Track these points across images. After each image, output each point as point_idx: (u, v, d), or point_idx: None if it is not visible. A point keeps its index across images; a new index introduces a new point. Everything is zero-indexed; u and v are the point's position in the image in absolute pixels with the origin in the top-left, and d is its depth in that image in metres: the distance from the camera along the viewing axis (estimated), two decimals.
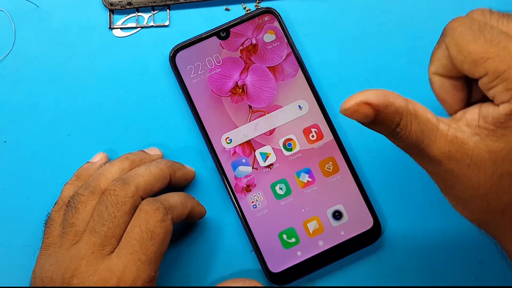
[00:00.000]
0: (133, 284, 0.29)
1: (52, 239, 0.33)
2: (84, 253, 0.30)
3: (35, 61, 0.38)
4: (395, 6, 0.38)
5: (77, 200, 0.32)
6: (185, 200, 0.33)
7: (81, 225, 0.31)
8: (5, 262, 0.36)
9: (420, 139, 0.25)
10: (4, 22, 0.38)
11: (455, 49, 0.25)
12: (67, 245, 0.31)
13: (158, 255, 0.30)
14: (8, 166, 0.37)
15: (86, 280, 0.29)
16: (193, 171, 0.37)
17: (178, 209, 0.32)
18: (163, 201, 0.31)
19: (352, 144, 0.37)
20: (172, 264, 0.36)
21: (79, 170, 0.35)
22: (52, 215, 0.33)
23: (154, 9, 0.38)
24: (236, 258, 0.36)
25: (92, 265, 0.29)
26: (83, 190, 0.32)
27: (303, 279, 0.36)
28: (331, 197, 0.36)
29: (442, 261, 0.37)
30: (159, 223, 0.30)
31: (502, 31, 0.24)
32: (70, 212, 0.32)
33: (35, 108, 0.37)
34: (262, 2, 0.38)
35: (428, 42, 0.38)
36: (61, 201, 0.34)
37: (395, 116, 0.24)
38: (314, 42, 0.38)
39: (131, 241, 0.29)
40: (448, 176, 0.25)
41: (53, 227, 0.33)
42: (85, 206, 0.32)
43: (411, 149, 0.26)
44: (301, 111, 0.36)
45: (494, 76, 0.24)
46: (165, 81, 0.37)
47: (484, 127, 0.24)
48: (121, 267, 0.29)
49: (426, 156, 0.25)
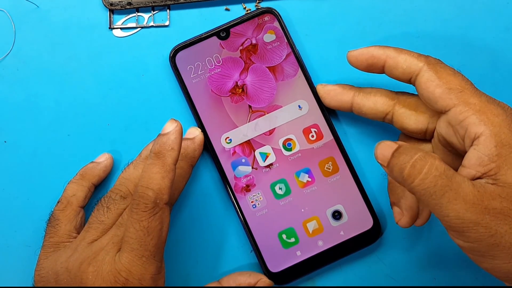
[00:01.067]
0: (141, 277, 0.29)
1: (58, 238, 0.33)
2: (106, 244, 0.31)
3: (35, 61, 0.38)
4: (395, 6, 0.38)
5: (109, 202, 0.33)
6: (166, 173, 0.30)
7: (110, 224, 0.32)
8: (5, 262, 0.36)
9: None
10: (4, 22, 0.38)
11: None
12: (89, 239, 0.32)
13: (160, 246, 0.30)
14: (8, 166, 0.37)
15: (100, 268, 0.30)
16: (198, 135, 0.36)
17: (164, 188, 0.30)
18: (147, 192, 0.29)
19: (352, 144, 0.37)
20: (172, 264, 0.36)
21: (84, 169, 0.36)
22: (56, 214, 0.34)
23: (154, 9, 0.38)
24: (236, 258, 0.37)
25: (108, 253, 0.30)
26: (115, 195, 0.33)
27: (303, 279, 0.36)
28: (331, 197, 0.36)
29: (442, 261, 0.37)
30: (152, 218, 0.29)
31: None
32: (101, 211, 0.33)
33: (35, 108, 0.37)
34: (262, 2, 0.38)
35: (428, 42, 0.38)
36: (65, 200, 0.34)
37: None
38: (314, 42, 0.38)
39: (129, 240, 0.29)
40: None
41: (58, 227, 0.33)
42: (117, 208, 0.33)
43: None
44: (301, 111, 0.36)
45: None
46: (165, 81, 0.38)
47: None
48: (127, 263, 0.29)
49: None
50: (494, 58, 0.38)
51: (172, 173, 0.30)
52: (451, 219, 0.26)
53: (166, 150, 0.30)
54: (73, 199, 0.34)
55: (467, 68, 0.37)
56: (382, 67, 0.32)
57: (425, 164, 0.27)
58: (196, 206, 0.37)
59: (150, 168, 0.30)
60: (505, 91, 0.38)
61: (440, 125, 0.31)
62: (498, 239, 0.26)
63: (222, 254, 0.37)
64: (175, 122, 0.31)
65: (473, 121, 0.28)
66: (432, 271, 0.37)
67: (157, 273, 0.30)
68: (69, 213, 0.34)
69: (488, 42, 0.38)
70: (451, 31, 0.38)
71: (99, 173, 0.36)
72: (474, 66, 0.38)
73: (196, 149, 0.35)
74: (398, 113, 0.33)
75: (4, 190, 0.37)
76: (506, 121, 0.28)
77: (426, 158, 0.27)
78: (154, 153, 0.30)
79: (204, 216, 0.37)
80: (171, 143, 0.30)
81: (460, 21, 0.38)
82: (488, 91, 0.30)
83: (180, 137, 0.31)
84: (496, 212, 0.26)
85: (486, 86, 0.36)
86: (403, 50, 0.32)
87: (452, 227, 0.27)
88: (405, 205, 0.33)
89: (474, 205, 0.26)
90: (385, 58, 0.32)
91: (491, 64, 0.38)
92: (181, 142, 0.31)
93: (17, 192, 0.37)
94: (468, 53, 0.38)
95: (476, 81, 0.32)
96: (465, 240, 0.27)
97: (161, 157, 0.30)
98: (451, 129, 0.30)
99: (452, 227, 0.27)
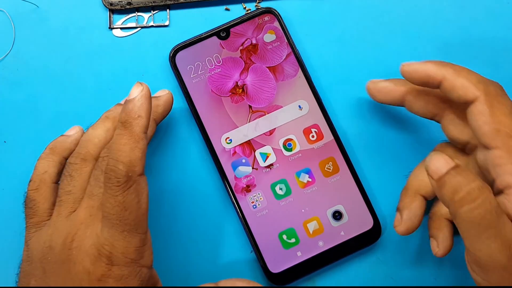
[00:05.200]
0: (125, 251, 0.28)
1: (38, 218, 0.31)
2: (83, 217, 0.29)
3: (35, 61, 0.38)
4: (395, 6, 0.38)
5: (70, 168, 0.31)
6: (135, 143, 0.28)
7: (79, 192, 0.31)
8: (5, 262, 0.36)
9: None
10: (4, 22, 0.38)
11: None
12: (65, 213, 0.30)
13: (140, 218, 0.28)
14: (8, 166, 0.37)
15: (82, 242, 0.29)
16: (167, 95, 0.35)
17: (135, 160, 0.28)
18: (118, 166, 0.28)
19: (352, 144, 0.37)
20: (172, 264, 0.36)
21: (53, 143, 0.34)
22: (31, 194, 0.32)
23: (154, 9, 0.38)
24: (236, 258, 0.36)
25: (88, 227, 0.29)
26: (74, 159, 0.32)
27: (303, 279, 0.36)
28: (331, 197, 0.36)
29: (442, 261, 0.37)
30: (126, 192, 0.28)
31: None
32: (65, 181, 0.31)
33: (35, 108, 0.37)
34: (262, 2, 0.38)
35: (428, 42, 0.38)
36: (37, 178, 0.32)
37: None
38: (314, 42, 0.38)
39: (108, 215, 0.28)
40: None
41: (36, 207, 0.32)
42: (80, 174, 0.31)
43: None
44: (301, 111, 0.36)
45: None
46: (165, 81, 0.37)
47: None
48: (110, 237, 0.28)
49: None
50: (494, 58, 0.38)
51: (142, 142, 0.28)
52: (483, 255, 0.26)
53: (133, 118, 0.28)
54: (46, 176, 0.32)
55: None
56: (437, 86, 0.31)
57: (480, 194, 0.26)
58: (196, 206, 0.37)
59: (118, 139, 0.28)
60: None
61: (479, 154, 0.31)
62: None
63: (222, 255, 0.37)
64: (140, 86, 0.29)
65: (509, 171, 0.28)
66: (432, 271, 0.37)
67: (141, 245, 0.29)
68: (44, 191, 0.32)
69: (488, 42, 0.38)
70: (451, 31, 0.38)
71: (70, 146, 0.34)
72: (473, 66, 0.38)
73: (159, 105, 0.34)
74: (446, 117, 0.33)
75: (4, 190, 0.37)
76: None
77: (483, 189, 0.26)
78: (121, 122, 0.28)
79: (204, 216, 0.37)
80: (137, 110, 0.28)
81: (460, 21, 0.38)
82: None
83: (147, 102, 0.29)
84: None
85: None
86: (462, 71, 0.30)
87: (479, 263, 0.26)
88: (407, 216, 0.33)
89: (509, 249, 0.26)
90: (441, 79, 0.30)
91: (491, 64, 0.38)
92: (150, 108, 0.29)
93: (17, 192, 0.37)
94: (468, 53, 0.38)
95: None
96: (486, 279, 0.27)
97: (128, 127, 0.28)
98: (486, 165, 0.30)
99: (479, 263, 0.26)
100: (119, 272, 0.28)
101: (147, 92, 0.29)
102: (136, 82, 0.29)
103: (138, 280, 0.29)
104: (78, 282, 0.28)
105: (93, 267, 0.28)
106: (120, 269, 0.28)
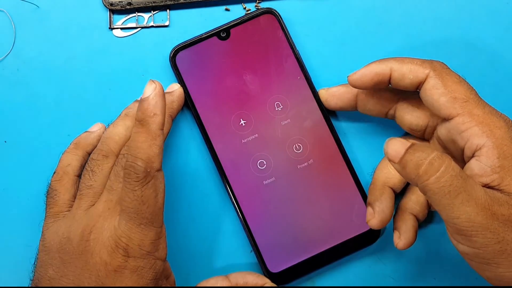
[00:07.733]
0: (141, 243, 0.29)
1: (58, 208, 0.33)
2: (102, 210, 0.31)
3: (35, 61, 0.38)
4: (395, 6, 0.38)
5: (93, 164, 0.33)
6: (153, 140, 0.29)
7: (99, 187, 0.32)
8: (5, 262, 0.36)
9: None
10: (4, 22, 0.38)
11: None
12: (85, 206, 0.32)
13: (157, 212, 0.30)
14: (8, 166, 0.37)
15: (100, 234, 0.30)
16: (179, 89, 0.36)
17: (153, 156, 0.29)
18: (137, 162, 0.29)
19: (352, 144, 0.37)
20: (171, 264, 0.36)
21: (77, 139, 0.36)
22: (53, 185, 0.34)
23: (154, 9, 0.38)
24: (236, 258, 0.37)
25: (106, 220, 0.30)
26: (96, 155, 0.33)
27: (303, 279, 0.36)
28: (332, 197, 0.36)
29: (442, 261, 0.37)
30: (145, 187, 0.29)
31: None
32: (87, 175, 0.33)
33: (35, 108, 0.37)
34: (262, 3, 0.38)
35: (428, 42, 0.38)
36: (61, 170, 0.34)
37: None
38: (314, 42, 0.38)
39: (126, 209, 0.29)
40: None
41: (57, 197, 0.33)
42: (102, 169, 0.33)
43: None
44: (301, 111, 0.36)
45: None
46: (166, 81, 0.37)
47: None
48: (127, 230, 0.29)
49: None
50: (494, 58, 0.38)
51: (159, 138, 0.29)
52: (461, 221, 0.26)
53: (149, 116, 0.29)
54: (69, 169, 0.34)
55: (466, 68, 0.37)
56: (388, 81, 0.32)
57: (442, 163, 0.26)
58: (196, 206, 0.37)
59: (136, 137, 0.29)
60: (505, 92, 0.38)
61: (441, 130, 0.32)
62: (504, 245, 0.26)
63: (222, 254, 0.37)
64: (153, 83, 0.30)
65: (475, 133, 0.29)
66: (432, 271, 0.37)
67: (157, 238, 0.30)
68: (66, 182, 0.34)
69: (488, 42, 0.38)
70: (451, 32, 0.38)
71: (93, 141, 0.35)
72: (473, 66, 0.38)
73: (174, 101, 0.35)
74: (400, 108, 0.34)
75: (4, 190, 0.37)
76: (507, 133, 0.28)
77: (443, 157, 0.27)
78: (138, 120, 0.29)
79: (204, 216, 0.37)
80: (152, 108, 0.29)
81: (460, 22, 0.38)
82: (488, 92, 0.30)
83: (161, 100, 0.29)
84: (504, 219, 0.26)
85: (485, 87, 0.36)
86: (405, 59, 0.32)
87: (461, 230, 0.27)
88: (379, 208, 0.33)
89: (484, 209, 0.26)
90: (389, 72, 0.31)
91: (491, 65, 0.38)
92: (164, 105, 0.30)
93: (17, 192, 0.37)
94: (468, 54, 0.38)
95: (476, 81, 0.32)
96: (471, 246, 0.27)
97: (145, 125, 0.29)
98: (451, 136, 0.30)
99: (461, 230, 0.27)
100: (135, 264, 0.29)
101: (160, 89, 0.30)
102: (149, 80, 0.30)
103: (152, 272, 0.30)
104: (95, 273, 0.29)
105: (110, 258, 0.29)
106: (136, 261, 0.29)
